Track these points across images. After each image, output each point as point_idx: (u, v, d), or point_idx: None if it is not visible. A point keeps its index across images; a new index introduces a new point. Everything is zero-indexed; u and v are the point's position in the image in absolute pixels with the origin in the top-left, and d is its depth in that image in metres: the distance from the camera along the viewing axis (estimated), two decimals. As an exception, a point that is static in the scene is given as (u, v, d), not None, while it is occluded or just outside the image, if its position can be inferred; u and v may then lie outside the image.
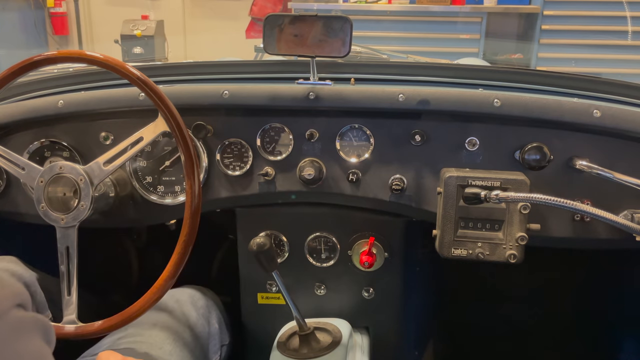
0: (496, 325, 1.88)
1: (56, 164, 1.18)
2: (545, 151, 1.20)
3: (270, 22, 1.22)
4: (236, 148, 1.33)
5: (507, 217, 1.14)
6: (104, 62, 1.12)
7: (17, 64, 1.16)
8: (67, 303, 1.17)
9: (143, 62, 4.18)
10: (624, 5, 4.52)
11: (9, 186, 1.40)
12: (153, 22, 5.55)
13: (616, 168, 1.18)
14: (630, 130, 1.19)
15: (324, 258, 1.40)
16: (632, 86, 1.40)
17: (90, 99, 1.34)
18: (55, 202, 1.18)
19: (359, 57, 2.38)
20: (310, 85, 1.27)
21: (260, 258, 1.18)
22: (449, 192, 1.16)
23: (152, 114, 1.19)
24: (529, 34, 5.00)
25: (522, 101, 1.21)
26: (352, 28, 1.19)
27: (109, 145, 1.34)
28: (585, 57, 4.78)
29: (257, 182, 1.33)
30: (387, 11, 4.96)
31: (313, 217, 1.37)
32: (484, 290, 1.87)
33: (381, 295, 1.42)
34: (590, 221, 1.23)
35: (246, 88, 1.30)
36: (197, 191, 1.13)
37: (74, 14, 6.42)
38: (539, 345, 1.86)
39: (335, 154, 1.31)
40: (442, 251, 1.17)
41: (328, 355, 1.25)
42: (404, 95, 1.24)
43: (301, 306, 1.30)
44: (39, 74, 1.56)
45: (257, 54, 3.43)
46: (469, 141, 1.25)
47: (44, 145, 1.37)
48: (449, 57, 3.67)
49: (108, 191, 1.30)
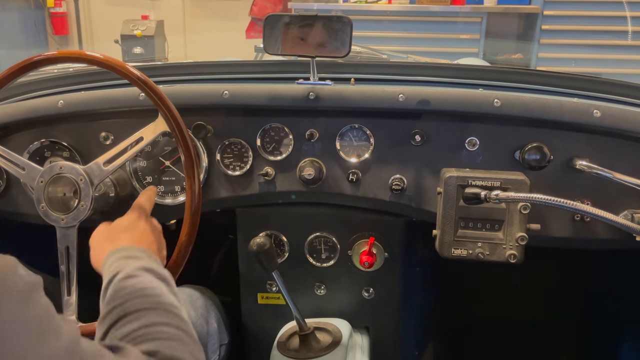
0: (496, 325, 1.88)
1: (56, 164, 1.17)
2: (545, 151, 1.20)
3: (270, 22, 1.22)
4: (236, 148, 1.33)
5: (507, 217, 1.14)
6: (104, 62, 1.12)
7: (17, 64, 1.16)
8: (67, 303, 1.17)
9: (143, 62, 4.18)
10: (624, 5, 4.52)
11: (9, 186, 1.40)
12: (153, 22, 5.55)
13: (616, 168, 1.18)
14: (630, 130, 1.19)
15: (324, 258, 1.40)
16: (632, 86, 1.40)
17: (90, 99, 1.34)
18: (55, 202, 1.18)
19: (359, 57, 2.39)
20: (310, 85, 1.27)
21: (260, 258, 1.18)
22: (449, 192, 1.16)
23: (152, 114, 1.19)
24: (529, 34, 5.00)
25: (522, 101, 1.21)
26: (352, 28, 1.19)
27: (109, 145, 1.34)
28: (585, 57, 4.78)
29: (257, 182, 1.33)
30: (387, 11, 4.96)
31: (313, 217, 1.37)
32: (484, 290, 1.87)
33: (381, 295, 1.42)
34: (590, 221, 1.23)
35: (246, 88, 1.30)
36: (197, 191, 1.13)
37: (74, 14, 6.42)
38: (539, 345, 1.86)
39: (335, 154, 1.31)
40: (442, 251, 1.17)
41: (328, 355, 1.25)
42: (404, 95, 1.24)
43: (301, 306, 1.30)
44: (39, 74, 1.56)
45: (257, 54, 3.42)
46: (469, 141, 1.25)
47: (44, 145, 1.37)
48: (449, 57, 3.67)
49: (108, 191, 1.30)
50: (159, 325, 0.79)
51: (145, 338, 0.76)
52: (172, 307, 0.84)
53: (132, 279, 0.88)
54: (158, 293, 0.86)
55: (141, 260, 0.95)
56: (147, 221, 1.13)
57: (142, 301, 0.83)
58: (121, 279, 0.88)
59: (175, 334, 0.79)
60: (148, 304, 0.82)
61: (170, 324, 0.80)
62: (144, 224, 1.11)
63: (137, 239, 1.05)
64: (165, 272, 0.95)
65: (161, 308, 0.83)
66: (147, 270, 0.92)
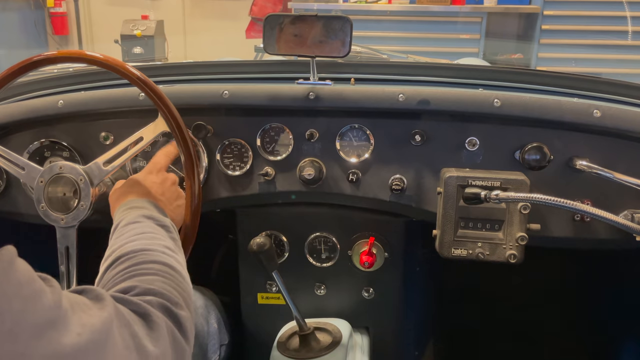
0: (496, 325, 1.88)
1: (56, 164, 1.17)
2: (545, 151, 1.20)
3: (270, 22, 1.22)
4: (236, 148, 1.33)
5: (507, 217, 1.14)
6: (104, 62, 1.12)
7: (17, 64, 1.16)
8: (67, 303, 1.17)
9: (143, 62, 4.18)
10: (624, 5, 4.52)
11: (9, 186, 1.40)
12: (153, 22, 5.55)
13: (616, 168, 1.18)
14: (630, 130, 1.18)
15: (324, 258, 1.40)
16: (632, 86, 1.40)
17: (90, 99, 1.34)
18: (55, 202, 1.18)
19: (359, 57, 2.39)
20: (310, 85, 1.27)
21: (260, 258, 1.18)
22: (449, 192, 1.16)
23: (152, 114, 1.19)
24: (529, 34, 5.00)
25: (522, 101, 1.21)
26: (352, 28, 1.19)
27: (109, 145, 1.34)
28: (585, 57, 4.78)
29: (257, 182, 1.33)
30: (387, 11, 4.96)
31: (313, 217, 1.37)
32: (484, 291, 1.87)
33: (381, 295, 1.42)
34: (590, 221, 1.23)
35: (246, 88, 1.30)
36: (197, 191, 1.13)
37: (74, 14, 6.43)
38: (539, 345, 1.86)
39: (335, 154, 1.31)
40: (442, 251, 1.17)
41: (328, 356, 1.25)
42: (404, 95, 1.24)
43: (301, 306, 1.30)
44: (39, 74, 1.56)
45: (257, 54, 3.43)
46: (469, 141, 1.25)
47: (44, 145, 1.37)
48: (449, 57, 3.68)
49: (108, 191, 1.30)
50: (147, 263, 0.82)
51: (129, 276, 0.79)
52: (166, 249, 0.88)
53: (132, 224, 0.94)
54: (154, 237, 0.91)
55: (144, 209, 1.01)
56: (158, 175, 1.16)
57: (136, 244, 0.87)
58: (123, 226, 0.94)
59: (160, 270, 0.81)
60: (142, 245, 0.86)
61: (158, 261, 0.83)
62: (154, 177, 1.15)
63: (145, 192, 1.10)
64: (167, 220, 1.01)
65: (154, 249, 0.86)
66: (147, 217, 0.97)
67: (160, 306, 0.74)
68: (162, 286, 0.78)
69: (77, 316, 0.59)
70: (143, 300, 0.73)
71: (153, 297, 0.75)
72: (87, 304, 0.63)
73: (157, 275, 0.80)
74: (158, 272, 0.81)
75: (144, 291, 0.75)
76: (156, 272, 0.80)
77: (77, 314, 0.59)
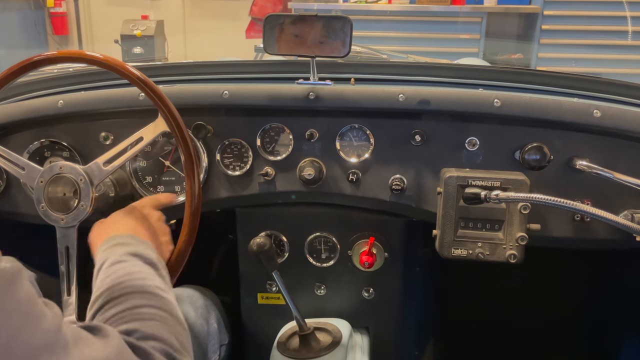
0: (496, 325, 1.88)
1: (56, 164, 1.17)
2: (545, 151, 1.20)
3: (270, 22, 1.22)
4: (236, 148, 1.33)
5: (507, 217, 1.14)
6: (104, 62, 1.12)
7: (17, 64, 1.16)
8: (67, 303, 1.17)
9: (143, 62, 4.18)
10: (624, 5, 4.52)
11: (9, 186, 1.40)
12: (153, 22, 5.55)
13: (616, 168, 1.18)
14: (630, 130, 1.18)
15: (324, 258, 1.40)
16: (632, 86, 1.40)
17: (90, 99, 1.34)
18: (55, 202, 1.18)
19: (359, 57, 2.39)
20: (310, 85, 1.27)
21: (260, 258, 1.18)
22: (449, 192, 1.16)
23: (152, 114, 1.19)
24: (529, 34, 5.00)
25: (522, 101, 1.21)
26: (352, 28, 1.19)
27: (109, 145, 1.34)
28: (585, 57, 4.78)
29: (257, 182, 1.33)
30: (387, 11, 4.96)
31: (313, 217, 1.37)
32: (484, 291, 1.87)
33: (381, 295, 1.42)
34: (590, 221, 1.23)
35: (246, 88, 1.30)
36: (197, 191, 1.13)
37: (74, 14, 6.43)
38: (539, 345, 1.86)
39: (335, 154, 1.31)
40: (442, 251, 1.17)
41: (328, 356, 1.25)
42: (404, 95, 1.24)
43: (301, 306, 1.30)
44: (39, 74, 1.56)
45: (257, 54, 3.43)
46: (469, 141, 1.25)
47: (44, 145, 1.37)
48: (449, 57, 3.68)
49: (108, 191, 1.30)
50: (143, 307, 0.80)
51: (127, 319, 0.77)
52: (158, 290, 0.85)
53: (118, 264, 0.90)
54: (144, 277, 0.87)
55: (129, 246, 0.96)
56: (142, 210, 1.14)
57: (127, 285, 0.84)
58: (109, 266, 0.90)
59: (157, 314, 0.80)
60: (133, 287, 0.84)
61: (154, 305, 0.81)
62: (137, 212, 1.12)
63: (129, 227, 1.06)
64: (154, 256, 0.96)
65: (146, 291, 0.84)
66: (134, 255, 0.93)
67: (163, 352, 0.73)
68: (162, 332, 0.77)
69: (78, 349, 0.58)
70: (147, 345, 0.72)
71: (156, 343, 0.74)
72: (90, 339, 0.62)
73: (155, 320, 0.78)
74: (155, 316, 0.79)
75: (145, 336, 0.74)
76: (153, 317, 0.79)
77: (80, 347, 0.59)
